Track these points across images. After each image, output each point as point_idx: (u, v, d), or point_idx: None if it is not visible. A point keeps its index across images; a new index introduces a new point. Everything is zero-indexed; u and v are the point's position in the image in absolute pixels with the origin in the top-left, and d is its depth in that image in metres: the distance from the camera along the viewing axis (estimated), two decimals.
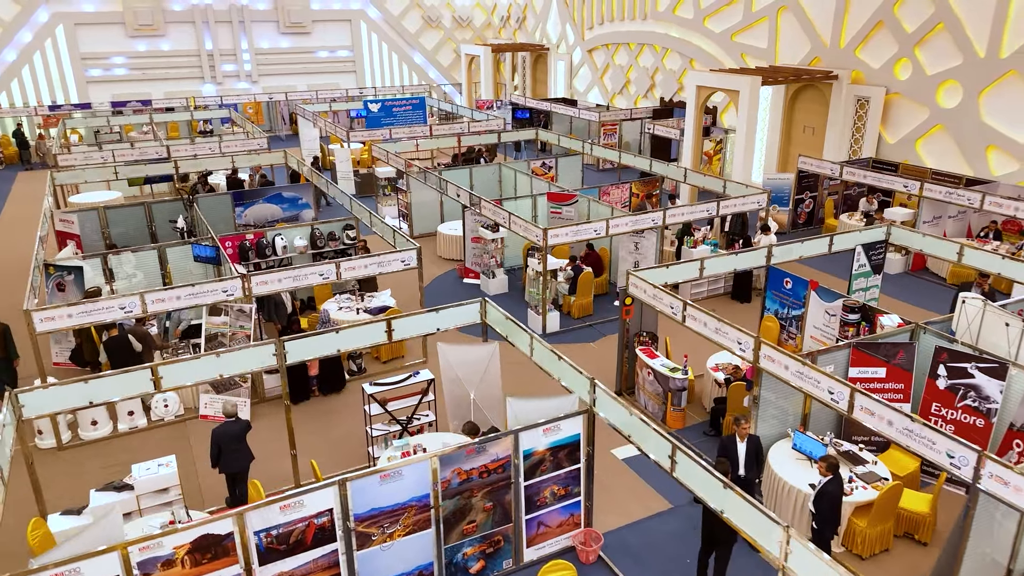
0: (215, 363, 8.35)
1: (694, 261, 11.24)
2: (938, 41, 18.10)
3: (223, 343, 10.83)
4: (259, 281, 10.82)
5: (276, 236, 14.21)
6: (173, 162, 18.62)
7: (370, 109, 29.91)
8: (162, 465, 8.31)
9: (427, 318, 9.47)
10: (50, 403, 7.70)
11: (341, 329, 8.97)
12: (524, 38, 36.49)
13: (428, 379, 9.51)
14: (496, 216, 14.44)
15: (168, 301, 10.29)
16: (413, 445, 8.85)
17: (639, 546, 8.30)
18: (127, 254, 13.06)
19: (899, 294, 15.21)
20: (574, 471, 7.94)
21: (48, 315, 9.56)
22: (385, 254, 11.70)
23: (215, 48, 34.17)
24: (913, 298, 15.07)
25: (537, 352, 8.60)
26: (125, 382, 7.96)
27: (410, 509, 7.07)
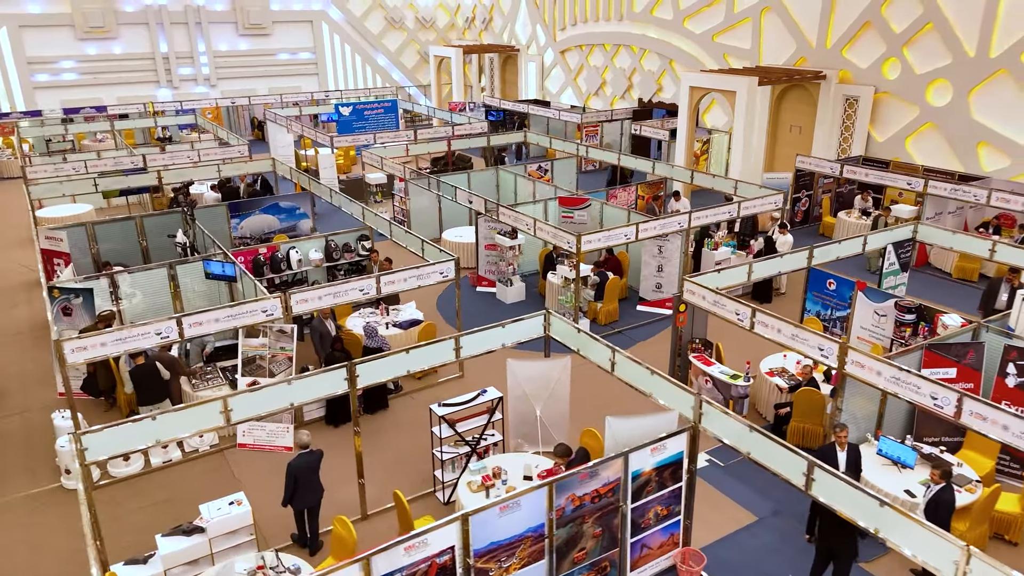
0: (287, 391, 7.79)
1: (743, 265, 11.09)
2: (927, 41, 18.51)
3: (262, 366, 10.18)
4: (299, 299, 10.19)
5: (290, 249, 13.52)
6: (156, 172, 17.59)
7: (341, 113, 29.19)
8: (233, 503, 7.68)
9: (493, 334, 9.06)
10: (115, 444, 7.00)
11: (411, 349, 8.48)
12: (491, 39, 36.11)
13: (497, 397, 9.08)
14: (518, 222, 14.06)
15: (206, 324, 9.59)
16: (493, 468, 8.44)
17: (737, 563, 8.08)
18: (136, 274, 12.19)
19: (908, 290, 15.41)
20: (676, 490, 7.65)
21: (80, 344, 8.77)
22: (423, 266, 11.20)
23: (170, 51, 32.74)
24: (923, 293, 15.28)
25: (622, 367, 8.28)
26: (194, 417, 7.32)
27: (526, 540, 6.67)
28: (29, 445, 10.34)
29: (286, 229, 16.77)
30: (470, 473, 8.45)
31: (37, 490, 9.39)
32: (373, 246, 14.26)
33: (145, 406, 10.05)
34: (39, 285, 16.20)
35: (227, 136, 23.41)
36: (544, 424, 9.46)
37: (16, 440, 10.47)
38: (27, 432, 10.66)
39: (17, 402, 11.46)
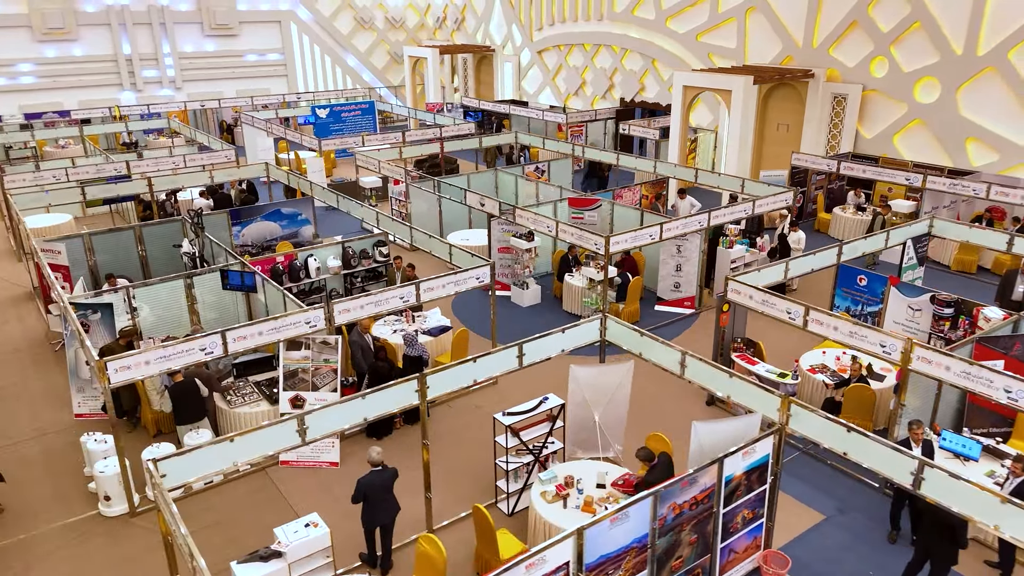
0: (361, 406, 7.48)
1: (779, 264, 11.14)
2: (914, 39, 18.95)
3: (304, 379, 9.82)
4: (341, 309, 9.85)
5: (308, 257, 13.10)
6: (146, 180, 16.91)
7: (318, 115, 28.62)
8: (309, 525, 7.34)
9: (554, 339, 8.90)
10: (192, 468, 6.61)
11: (478, 358, 8.26)
12: (464, 40, 35.81)
13: (559, 404, 8.90)
14: (537, 224, 13.89)
15: (250, 338, 9.19)
16: (564, 477, 8.27)
17: (816, 562, 8.07)
18: (155, 286, 11.64)
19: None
20: (760, 493, 7.60)
21: (123, 364, 8.30)
22: (460, 272, 10.96)
23: (134, 52, 31.56)
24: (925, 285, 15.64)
25: (695, 369, 8.19)
26: (271, 437, 6.97)
27: (631, 552, 6.54)
28: (55, 471, 9.76)
29: (288, 236, 16.28)
30: (540, 483, 8.27)
31: (73, 519, 8.86)
32: (390, 251, 13.92)
33: (184, 425, 9.58)
34: (30, 299, 15.46)
35: (208, 140, 22.64)
36: (602, 430, 9.32)
37: (39, 466, 9.88)
38: (49, 457, 10.07)
39: (31, 425, 10.83)
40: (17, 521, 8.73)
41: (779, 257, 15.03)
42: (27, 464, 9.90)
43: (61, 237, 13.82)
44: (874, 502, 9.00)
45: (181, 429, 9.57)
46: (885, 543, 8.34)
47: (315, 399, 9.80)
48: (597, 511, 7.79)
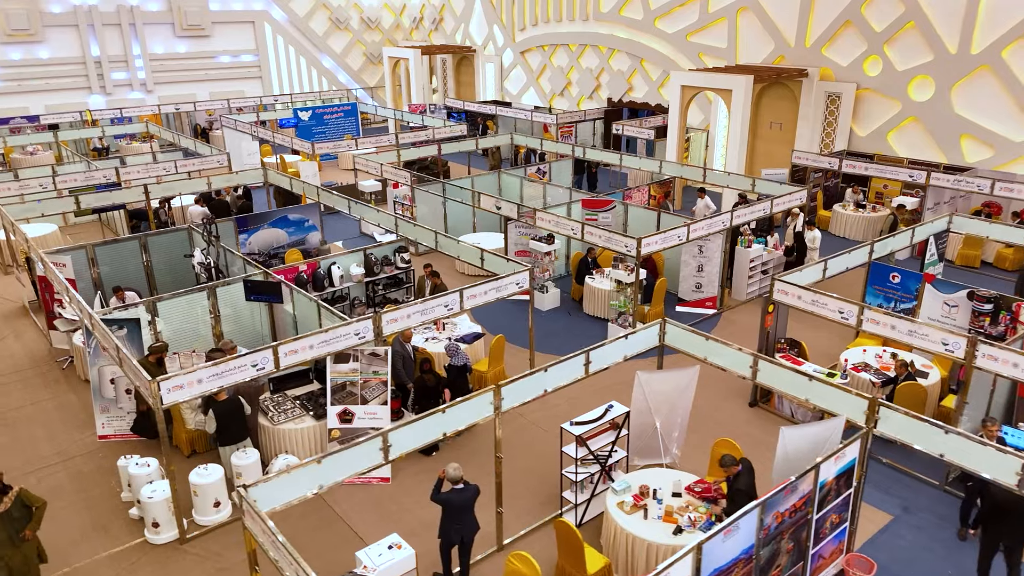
0: (440, 420, 7.20)
1: (818, 263, 11.13)
2: (908, 39, 19.26)
3: (353, 393, 9.46)
4: (389, 319, 9.52)
5: (331, 265, 12.70)
6: (143, 187, 16.24)
7: (300, 118, 28.07)
8: (392, 547, 7.03)
9: (617, 347, 8.72)
10: (282, 494, 6.25)
11: (549, 367, 8.04)
12: (441, 40, 35.44)
13: (624, 412, 8.73)
14: (560, 227, 13.70)
15: (301, 352, 8.80)
16: (640, 486, 8.10)
17: (893, 564, 8.04)
18: (180, 298, 11.13)
19: None
20: (847, 496, 7.54)
21: (176, 383, 7.86)
22: (501, 278, 10.71)
23: (103, 54, 30.48)
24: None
25: (769, 372, 8.08)
26: (355, 457, 6.66)
27: (739, 564, 6.39)
28: (88, 498, 9.24)
29: (295, 243, 15.81)
30: (614, 493, 8.07)
31: (119, 548, 8.37)
32: (412, 257, 13.59)
33: (228, 446, 9.14)
34: (23, 314, 14.72)
35: (195, 145, 21.92)
36: (662, 436, 9.18)
37: (70, 493, 9.33)
38: (79, 483, 9.53)
39: (52, 448, 10.25)
40: (59, 554, 8.21)
41: (796, 256, 15.12)
42: (57, 492, 9.34)
43: (63, 249, 13.14)
44: (937, 500, 9.03)
45: (226, 449, 9.13)
46: (956, 541, 8.36)
47: (364, 413, 9.46)
48: (679, 520, 7.63)
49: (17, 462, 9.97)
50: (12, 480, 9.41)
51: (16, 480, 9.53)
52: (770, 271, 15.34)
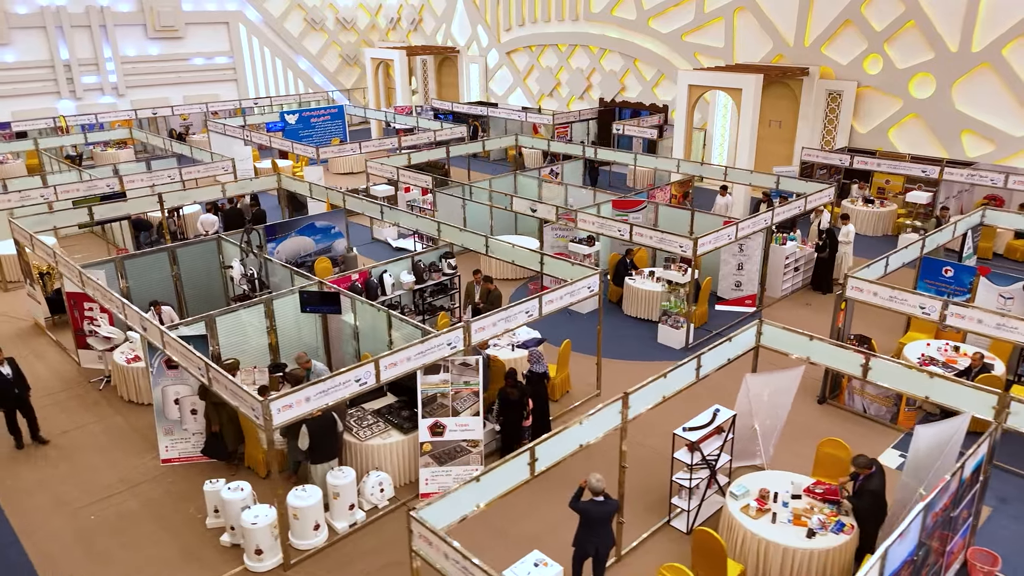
0: (578, 432, 7.01)
1: (880, 259, 11.26)
2: (908, 37, 19.75)
3: (444, 404, 9.18)
4: (478, 328, 9.27)
5: (383, 273, 12.33)
6: (157, 196, 15.55)
7: (287, 121, 27.44)
8: (539, 565, 6.79)
9: (723, 349, 8.65)
10: (446, 514, 5.99)
11: (668, 373, 7.91)
12: (421, 40, 34.99)
13: (731, 416, 8.65)
14: (605, 228, 13.59)
15: (400, 364, 8.49)
16: (760, 490, 8.03)
17: (1011, 556, 8.13)
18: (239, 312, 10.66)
19: None
20: (974, 492, 7.60)
21: (285, 403, 7.47)
22: (574, 283, 10.53)
23: (72, 57, 29.20)
24: None
25: (883, 371, 8.11)
26: (506, 473, 6.43)
27: (905, 566, 6.36)
28: (169, 526, 8.74)
29: (322, 251, 15.33)
30: (734, 498, 7.99)
31: None
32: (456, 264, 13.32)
33: (319, 464, 8.75)
34: (37, 333, 13.97)
35: (191, 151, 21.13)
36: (761, 438, 9.15)
37: (147, 521, 8.81)
38: (154, 510, 9.01)
39: (114, 476, 9.66)
40: None
41: (828, 252, 15.31)
42: (132, 520, 8.82)
43: (93, 263, 12.46)
44: None
45: (318, 468, 8.73)
46: None
47: (456, 425, 9.19)
48: (808, 523, 7.58)
49: (77, 491, 9.39)
50: (80, 511, 8.91)
51: (85, 510, 8.99)
52: (800, 268, 15.52)
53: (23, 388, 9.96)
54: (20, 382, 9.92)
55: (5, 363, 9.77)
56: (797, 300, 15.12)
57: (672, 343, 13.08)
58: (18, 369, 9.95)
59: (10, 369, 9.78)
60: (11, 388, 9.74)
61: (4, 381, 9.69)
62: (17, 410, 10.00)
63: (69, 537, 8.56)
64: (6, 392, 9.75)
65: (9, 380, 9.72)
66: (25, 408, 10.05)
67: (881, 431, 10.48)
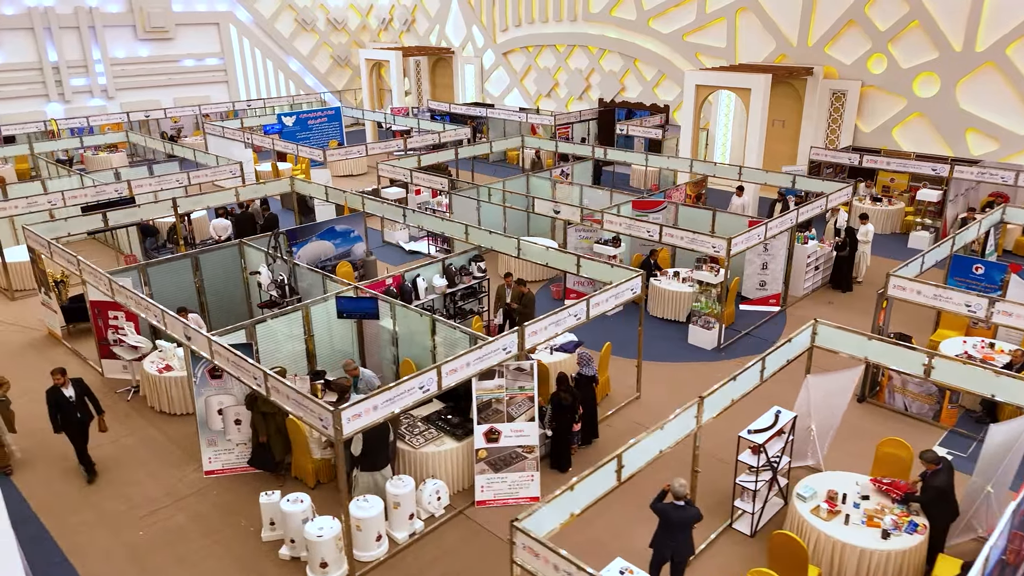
0: (661, 436, 6.94)
1: (917, 258, 11.32)
2: (912, 37, 19.97)
3: (499, 410, 9.06)
4: (531, 331, 9.16)
5: (416, 277, 12.16)
6: (171, 201, 15.24)
7: (285, 123, 27.11)
8: (624, 572, 6.70)
9: (784, 350, 8.63)
10: (542, 524, 5.87)
11: (738, 375, 7.86)
12: (414, 41, 34.75)
13: (792, 417, 8.63)
14: (633, 229, 13.54)
15: (460, 370, 8.35)
16: (828, 491, 8.01)
17: None
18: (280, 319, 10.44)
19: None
20: None
21: (355, 412, 7.30)
22: (617, 285, 10.45)
23: (61, 59, 28.57)
24: None
25: (947, 370, 8.13)
26: (596, 481, 6.33)
27: (998, 566, 6.36)
28: (223, 540, 8.52)
29: (342, 255, 15.12)
30: (802, 500, 7.97)
31: None
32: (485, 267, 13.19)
33: (369, 472, 8.58)
34: (51, 344, 13.62)
35: (195, 155, 20.75)
36: (817, 438, 9.15)
37: (199, 536, 8.58)
38: (204, 524, 8.78)
39: (159, 490, 9.40)
40: None
41: (848, 251, 15.40)
42: (183, 536, 8.59)
43: (119, 270, 12.15)
44: None
45: (366, 477, 8.56)
46: None
47: (511, 431, 9.08)
48: (882, 524, 7.58)
49: (122, 507, 9.12)
50: (127, 527, 8.66)
51: (132, 526, 8.74)
52: (820, 267, 15.61)
53: (86, 413, 9.30)
54: (83, 407, 9.27)
55: (69, 384, 9.15)
56: (818, 299, 15.19)
57: (704, 344, 13.07)
58: (86, 391, 9.31)
59: (73, 391, 9.17)
60: (74, 412, 9.13)
61: (67, 404, 9.07)
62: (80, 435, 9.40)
63: (120, 555, 8.31)
64: (68, 416, 9.15)
65: (72, 403, 9.10)
66: (85, 436, 9.41)
67: (924, 428, 10.54)
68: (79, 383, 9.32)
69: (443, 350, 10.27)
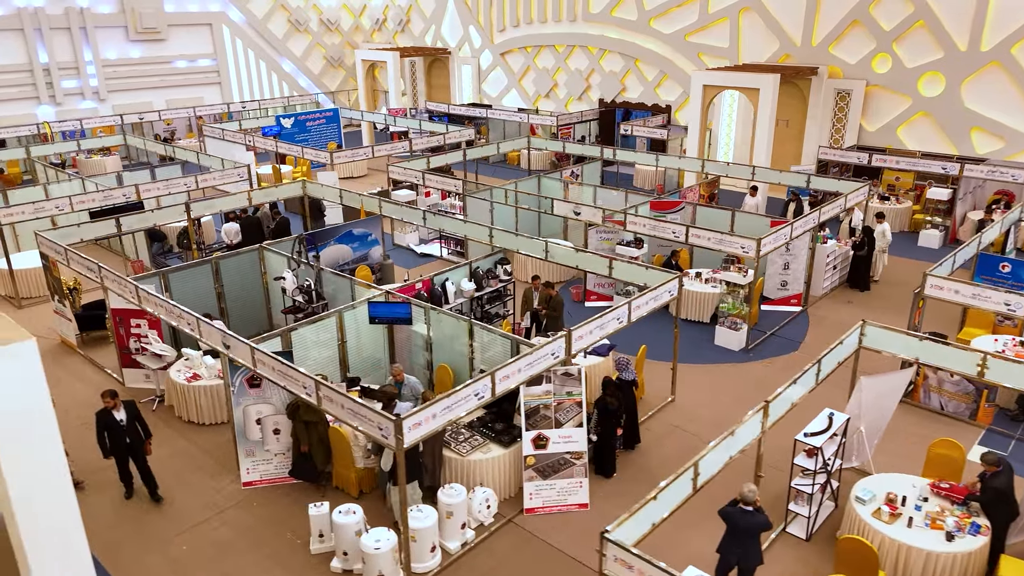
0: (731, 443, 6.85)
1: (949, 257, 11.35)
2: (917, 37, 20.11)
3: (547, 416, 8.94)
4: (578, 336, 9.04)
5: (445, 282, 12.00)
6: (184, 206, 14.95)
7: (283, 125, 26.82)
8: None
9: (838, 351, 8.59)
10: (634, 531, 5.76)
11: (798, 378, 7.80)
12: (408, 42, 34.49)
13: (845, 419, 8.58)
14: (658, 230, 13.48)
15: (512, 377, 8.22)
16: (887, 493, 7.97)
17: None
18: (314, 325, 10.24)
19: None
20: None
21: (415, 421, 7.13)
22: (656, 288, 10.37)
23: (52, 61, 28.00)
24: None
25: (999, 370, 8.12)
26: (675, 489, 6.24)
27: None
28: (272, 553, 8.32)
29: (359, 259, 14.92)
30: (862, 503, 7.92)
31: None
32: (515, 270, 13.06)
33: (412, 481, 8.40)
34: (66, 352, 13.29)
35: (197, 158, 20.42)
36: (867, 439, 9.12)
37: (247, 550, 8.37)
38: (250, 537, 8.57)
39: (195, 504, 9.17)
40: None
41: (866, 250, 15.45)
42: (230, 549, 8.37)
43: (142, 276, 11.86)
44: None
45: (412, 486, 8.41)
46: None
47: (559, 437, 8.96)
48: (944, 526, 7.54)
49: (162, 521, 8.89)
50: (170, 542, 8.42)
51: (175, 540, 8.51)
52: (838, 266, 15.64)
53: (137, 437, 8.98)
54: (134, 431, 8.96)
55: (121, 407, 8.88)
56: (838, 298, 15.22)
57: (731, 345, 13.03)
58: (137, 415, 9.02)
59: (125, 415, 8.89)
60: (123, 436, 8.85)
61: (118, 428, 8.81)
62: (131, 459, 9.09)
63: (165, 571, 8.08)
64: (118, 440, 8.87)
65: (122, 427, 8.83)
66: (139, 459, 9.09)
67: (961, 427, 10.55)
68: (131, 406, 8.99)
69: (479, 355, 10.15)
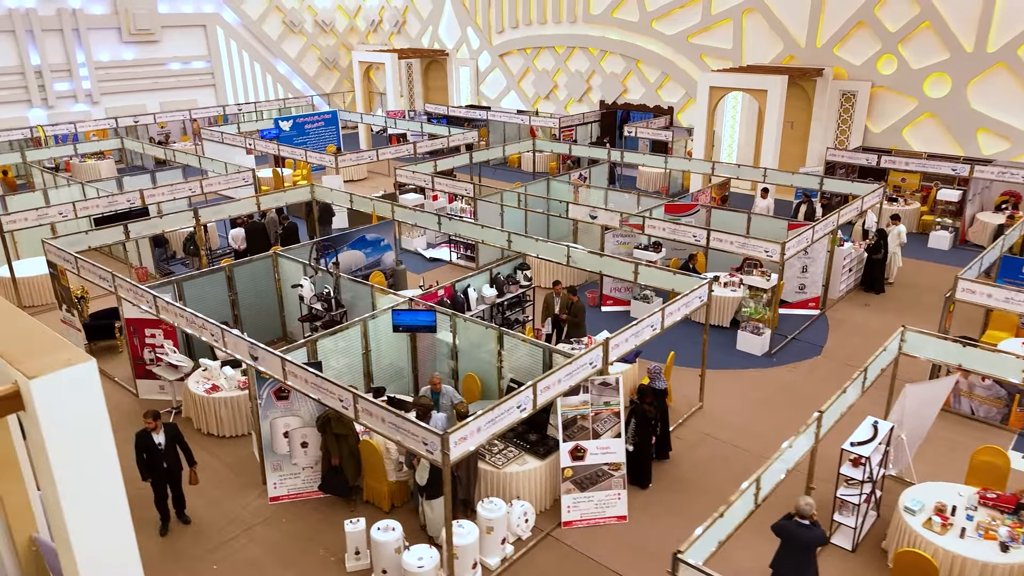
0: (790, 454, 6.68)
1: (976, 259, 11.28)
2: (923, 38, 20.10)
3: (584, 427, 8.75)
4: (614, 344, 8.86)
5: (467, 288, 11.78)
6: (192, 211, 14.64)
7: (282, 128, 26.49)
8: None
9: (881, 359, 8.46)
10: (703, 550, 5.57)
11: (847, 387, 7.65)
12: (405, 43, 34.23)
13: (889, 428, 8.45)
14: (678, 234, 13.33)
15: (552, 387, 8.02)
16: (936, 503, 7.84)
17: None
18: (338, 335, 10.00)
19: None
20: None
21: (461, 435, 6.92)
22: (688, 294, 10.20)
23: (44, 63, 27.50)
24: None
25: None
26: (741, 504, 6.05)
27: None
28: (305, 571, 8.08)
29: (372, 264, 14.67)
30: (911, 513, 7.78)
31: None
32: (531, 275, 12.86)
33: (434, 499, 8.15)
34: None
35: (199, 162, 20.07)
36: (907, 447, 8.99)
37: (278, 568, 8.12)
38: (280, 555, 8.32)
39: (221, 520, 8.90)
40: None
41: (882, 253, 15.38)
42: (262, 567, 8.12)
43: (157, 284, 11.56)
44: None
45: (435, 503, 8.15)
46: None
47: (597, 448, 8.77)
48: (998, 536, 7.42)
49: (188, 539, 8.61)
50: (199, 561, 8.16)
51: (203, 559, 8.24)
52: (853, 268, 15.57)
53: (175, 463, 8.50)
54: (173, 455, 8.45)
55: (161, 430, 8.33)
56: (854, 301, 15.14)
57: (753, 349, 12.91)
58: (178, 438, 8.55)
59: (164, 438, 8.36)
60: (161, 460, 8.33)
61: (155, 451, 8.29)
62: (168, 486, 8.61)
63: None
64: (154, 465, 8.35)
65: (160, 451, 8.31)
66: (176, 486, 8.66)
67: (993, 432, 10.47)
68: (172, 428, 8.51)
69: (508, 363, 9.95)
